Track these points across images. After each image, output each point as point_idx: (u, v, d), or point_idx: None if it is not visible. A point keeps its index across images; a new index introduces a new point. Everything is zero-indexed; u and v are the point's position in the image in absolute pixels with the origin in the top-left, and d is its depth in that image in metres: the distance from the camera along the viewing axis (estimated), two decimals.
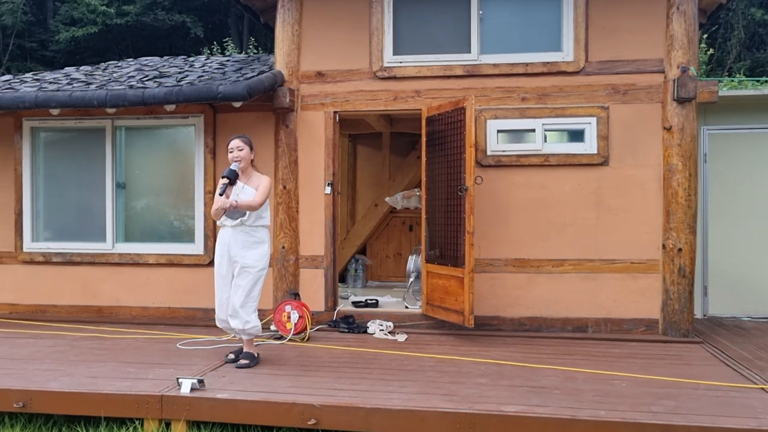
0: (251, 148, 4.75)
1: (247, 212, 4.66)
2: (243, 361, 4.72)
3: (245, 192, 4.65)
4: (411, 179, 8.24)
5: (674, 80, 5.65)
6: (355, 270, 7.92)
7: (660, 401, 3.94)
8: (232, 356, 4.83)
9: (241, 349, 4.87)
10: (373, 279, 8.41)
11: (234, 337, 5.02)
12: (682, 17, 5.69)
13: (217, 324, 4.88)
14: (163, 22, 18.43)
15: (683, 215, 5.69)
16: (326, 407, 3.81)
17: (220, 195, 4.53)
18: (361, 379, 4.39)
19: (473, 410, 3.73)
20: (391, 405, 3.81)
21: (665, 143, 5.75)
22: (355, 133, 8.42)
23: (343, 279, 7.87)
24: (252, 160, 4.78)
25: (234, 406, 3.90)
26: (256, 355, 4.80)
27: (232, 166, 4.63)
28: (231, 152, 4.68)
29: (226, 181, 4.57)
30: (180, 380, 4.07)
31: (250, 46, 16.97)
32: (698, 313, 6.64)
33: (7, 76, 7.20)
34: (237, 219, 4.67)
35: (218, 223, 4.78)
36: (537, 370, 4.65)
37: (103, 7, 17.57)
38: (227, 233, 4.71)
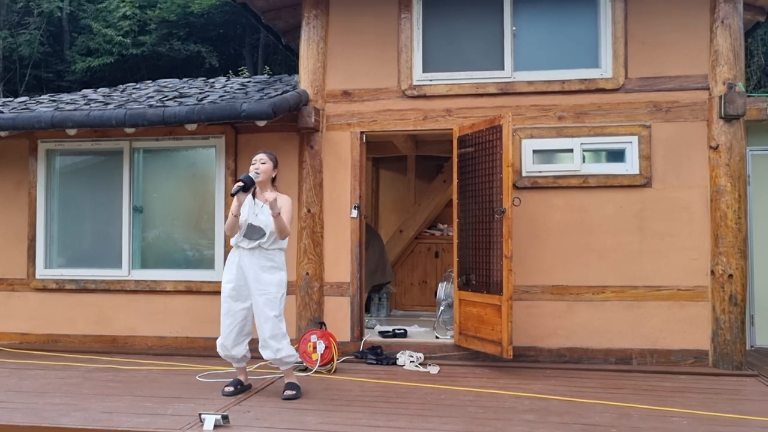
0: (275, 166, 4.49)
1: (266, 235, 4.37)
2: (289, 392, 4.43)
3: (264, 212, 4.37)
4: (438, 203, 7.96)
5: (720, 97, 5.37)
6: (379, 298, 7.58)
7: None
8: (230, 389, 4.52)
9: (238, 380, 4.61)
10: (398, 308, 8.07)
11: (238, 366, 4.70)
12: (727, 31, 5.43)
13: (219, 351, 4.55)
14: (178, 52, 18.44)
15: (733, 239, 5.36)
16: None
17: (232, 195, 4.23)
18: (398, 415, 4.04)
19: None
20: None
21: (712, 163, 5.44)
22: (377, 156, 8.17)
23: (366, 308, 7.54)
24: (273, 179, 4.51)
25: None
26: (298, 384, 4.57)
27: (251, 173, 4.33)
28: (253, 164, 4.42)
29: (240, 184, 4.22)
30: (202, 416, 3.75)
31: (265, 75, 16.90)
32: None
33: (23, 98, 7.03)
34: (256, 241, 4.38)
35: (232, 242, 4.48)
36: (586, 406, 4.29)
37: (120, 38, 17.62)
38: (242, 256, 4.42)
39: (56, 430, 3.75)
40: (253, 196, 4.40)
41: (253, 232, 4.38)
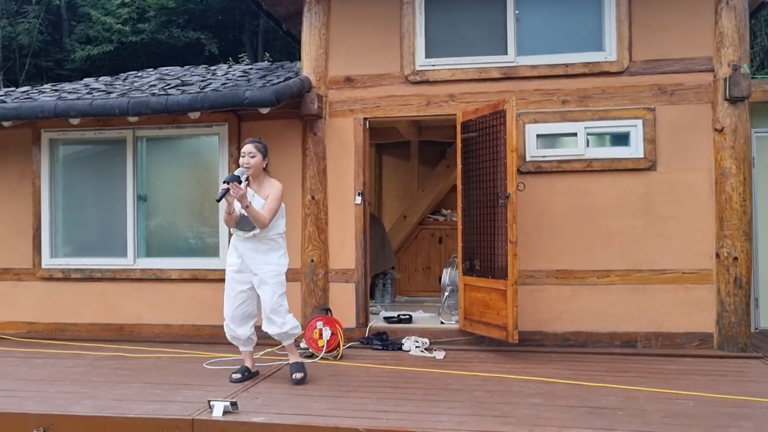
0: (264, 156, 4.47)
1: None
2: (298, 375, 4.51)
3: (256, 202, 4.39)
4: (441, 189, 7.96)
5: (725, 79, 5.35)
6: (383, 284, 7.60)
7: (737, 422, 3.60)
8: (237, 376, 4.57)
9: (246, 367, 4.66)
10: (402, 294, 8.09)
11: (244, 350, 4.76)
12: (732, 12, 5.39)
13: (225, 332, 4.65)
14: (178, 40, 18.36)
15: (738, 222, 5.36)
16: (372, 431, 3.49)
17: (217, 201, 4.25)
18: (405, 399, 4.07)
19: None
20: (442, 429, 3.51)
21: (717, 145, 5.43)
22: (380, 142, 8.15)
23: (370, 294, 7.57)
24: (265, 167, 4.51)
25: (271, 430, 3.60)
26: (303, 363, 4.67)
27: (237, 172, 4.32)
28: (243, 157, 4.41)
29: (225, 186, 4.21)
30: (212, 403, 3.78)
31: (266, 62, 16.81)
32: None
33: (26, 87, 7.01)
34: (249, 232, 4.43)
35: (231, 229, 4.54)
36: (592, 389, 4.31)
37: (119, 26, 17.53)
38: (240, 243, 4.50)
39: (68, 418, 3.79)
40: (248, 186, 4.39)
41: (245, 223, 4.41)
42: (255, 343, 4.73)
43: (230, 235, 6.02)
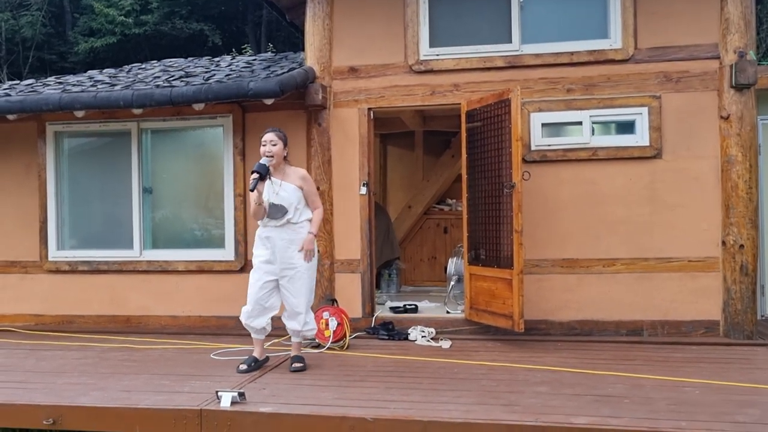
0: (285, 144, 4.53)
1: (292, 211, 4.46)
2: (298, 365, 4.57)
3: (285, 189, 4.44)
4: (446, 178, 7.95)
5: (731, 66, 5.31)
6: (389, 274, 7.61)
7: (743, 410, 3.59)
8: (244, 367, 4.59)
9: (254, 358, 4.67)
10: (407, 284, 8.11)
11: (256, 338, 4.77)
12: None
13: (242, 319, 4.64)
14: (181, 31, 18.33)
15: (744, 209, 5.34)
16: (379, 421, 3.51)
17: (251, 191, 4.32)
18: (412, 389, 4.08)
19: (540, 422, 3.41)
20: (449, 417, 3.51)
21: (723, 133, 5.40)
22: (384, 132, 8.14)
23: (376, 284, 7.58)
24: (285, 156, 4.56)
25: (279, 420, 3.61)
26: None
27: (263, 160, 4.39)
28: (264, 146, 4.46)
29: (256, 176, 4.30)
30: (219, 393, 3.80)
31: (270, 53, 16.77)
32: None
33: (30, 80, 7.02)
34: (284, 219, 4.47)
35: (259, 223, 4.56)
36: (598, 377, 4.31)
37: (122, 18, 17.50)
38: (272, 232, 4.51)
39: (76, 409, 3.81)
40: (270, 175, 4.42)
41: (277, 211, 4.45)
42: (268, 332, 4.75)
43: (236, 226, 6.11)
